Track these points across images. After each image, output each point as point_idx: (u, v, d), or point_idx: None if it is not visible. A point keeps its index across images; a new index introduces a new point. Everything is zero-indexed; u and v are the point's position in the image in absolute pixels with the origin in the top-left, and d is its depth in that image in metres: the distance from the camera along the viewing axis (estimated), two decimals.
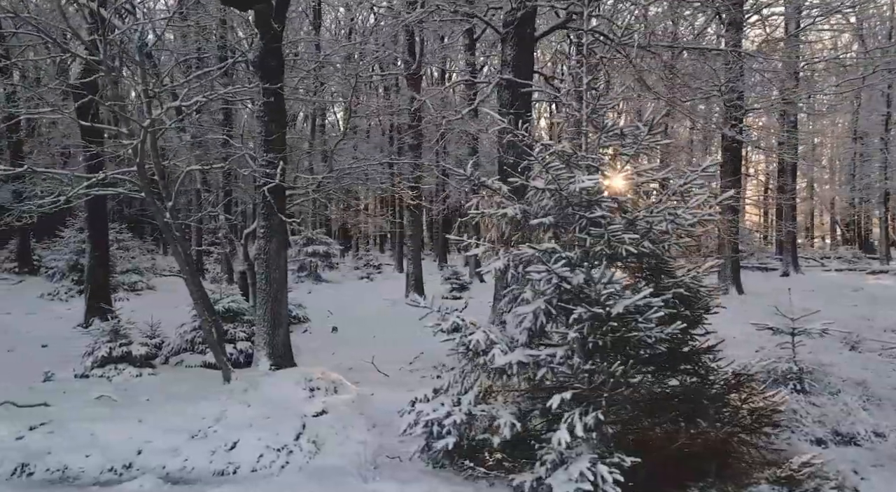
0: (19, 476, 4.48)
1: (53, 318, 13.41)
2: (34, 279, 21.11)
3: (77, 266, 17.54)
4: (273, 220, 6.83)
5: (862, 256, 32.18)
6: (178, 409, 5.35)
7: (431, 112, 14.08)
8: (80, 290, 17.08)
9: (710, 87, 10.90)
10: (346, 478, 4.20)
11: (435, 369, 7.40)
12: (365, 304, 16.47)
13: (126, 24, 5.43)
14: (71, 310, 14.82)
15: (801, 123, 26.38)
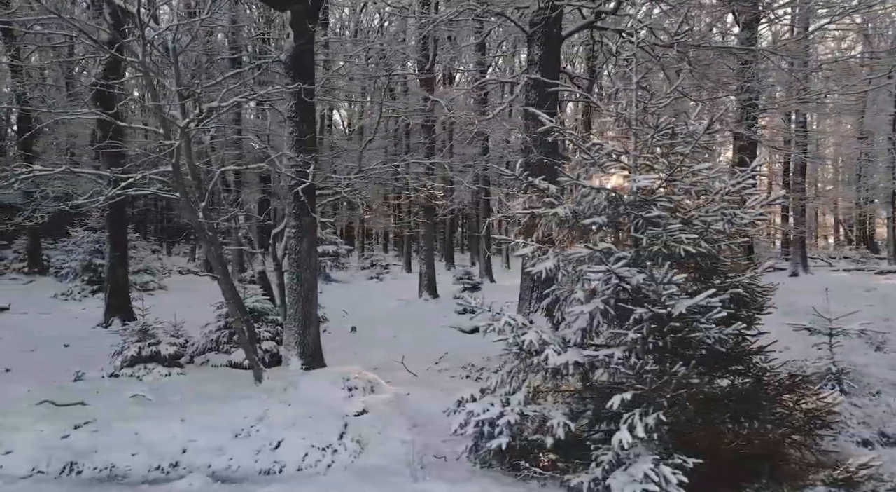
0: (68, 474, 4.51)
1: (69, 318, 13.45)
2: (44, 279, 21.18)
3: (91, 266, 17.60)
4: (304, 220, 6.85)
5: (870, 256, 32.15)
6: (217, 408, 5.37)
7: (445, 112, 14.11)
8: (94, 290, 17.16)
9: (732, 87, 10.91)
10: (395, 478, 4.21)
11: (463, 368, 7.42)
12: (378, 303, 16.50)
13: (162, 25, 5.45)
14: (86, 310, 14.87)
15: (807, 123, 26.36)
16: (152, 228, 38.59)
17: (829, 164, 40.30)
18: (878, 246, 37.27)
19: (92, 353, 9.57)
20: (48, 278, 21.58)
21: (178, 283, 22.90)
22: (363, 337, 11.30)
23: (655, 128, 3.77)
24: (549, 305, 4.17)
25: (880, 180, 30.88)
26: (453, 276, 18.31)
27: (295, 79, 6.61)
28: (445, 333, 11.02)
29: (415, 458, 4.52)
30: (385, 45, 11.97)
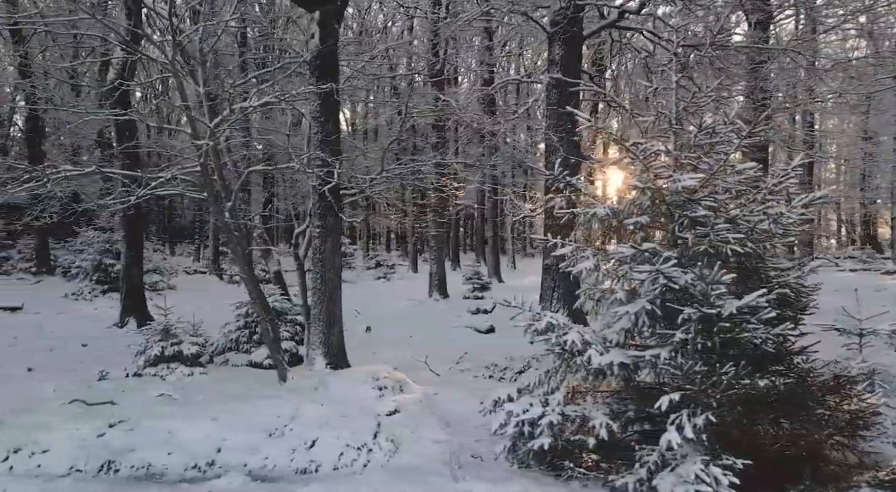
0: (106, 473, 4.52)
1: (83, 317, 13.47)
2: (52, 279, 21.23)
3: (101, 266, 17.62)
4: (329, 220, 6.87)
5: (876, 256, 32.11)
6: (247, 408, 5.39)
7: (457, 112, 14.11)
8: (104, 290, 17.19)
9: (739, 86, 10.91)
10: (434, 477, 4.22)
11: (486, 369, 7.42)
12: (388, 303, 16.51)
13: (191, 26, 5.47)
14: (98, 309, 14.89)
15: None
16: (154, 227, 38.56)
17: (833, 164, 40.21)
18: (882, 246, 37.21)
19: (110, 352, 9.61)
20: (56, 278, 21.62)
21: (186, 283, 22.93)
22: (378, 337, 11.31)
23: (698, 127, 3.78)
24: (569, 303, 4.15)
25: (883, 180, 30.82)
26: (463, 276, 18.32)
27: (320, 79, 6.63)
28: (461, 333, 11.04)
29: (448, 458, 4.53)
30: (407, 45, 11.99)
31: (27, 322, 12.13)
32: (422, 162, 9.15)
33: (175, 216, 40.24)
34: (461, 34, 19.89)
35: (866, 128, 32.67)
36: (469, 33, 18.70)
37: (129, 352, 9.77)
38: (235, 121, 5.72)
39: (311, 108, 6.68)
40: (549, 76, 7.35)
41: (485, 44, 18.94)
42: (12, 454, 4.61)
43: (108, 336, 10.95)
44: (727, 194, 3.79)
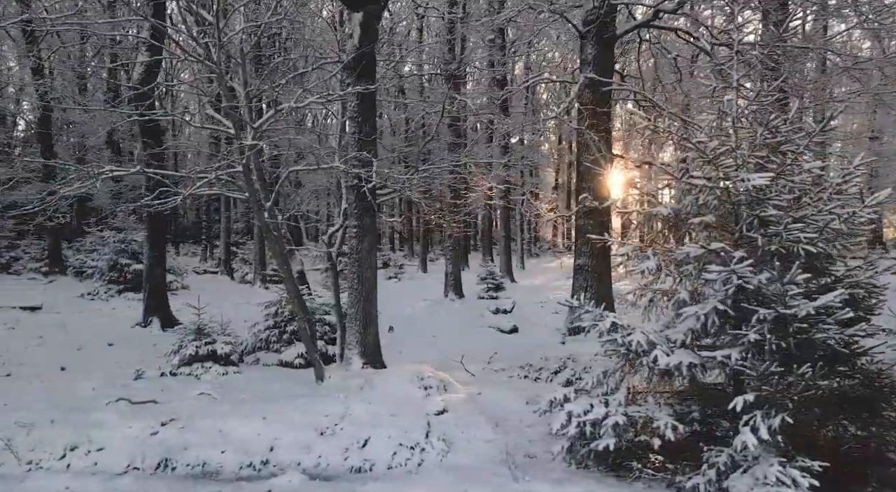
0: (163, 470, 4.54)
1: (102, 317, 13.47)
2: (64, 279, 21.27)
3: (117, 265, 17.64)
4: (365, 220, 6.88)
5: (886, 256, 32.01)
6: (293, 406, 5.39)
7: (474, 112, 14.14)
8: (120, 289, 17.22)
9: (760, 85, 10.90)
10: (495, 477, 4.23)
11: (521, 368, 7.42)
12: (404, 304, 16.51)
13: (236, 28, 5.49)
14: (115, 309, 14.91)
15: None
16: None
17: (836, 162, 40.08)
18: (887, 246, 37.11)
19: (138, 351, 9.63)
20: (68, 278, 21.66)
21: (198, 283, 22.97)
22: (401, 337, 11.32)
23: (765, 125, 3.78)
24: (600, 303, 4.14)
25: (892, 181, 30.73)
26: (477, 276, 18.33)
27: (358, 79, 6.64)
28: (484, 333, 11.05)
29: (503, 457, 4.54)
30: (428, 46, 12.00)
31: (49, 322, 12.14)
32: (461, 162, 9.16)
33: (178, 217, 40.25)
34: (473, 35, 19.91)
35: (873, 127, 32.57)
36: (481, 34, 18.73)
37: (157, 351, 9.81)
38: (276, 121, 5.73)
39: (349, 108, 6.70)
40: (584, 76, 7.35)
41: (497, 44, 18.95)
42: (69, 452, 4.63)
43: (133, 336, 10.97)
44: (791, 194, 3.78)
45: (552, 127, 29.92)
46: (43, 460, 4.56)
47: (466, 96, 14.39)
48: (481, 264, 26.26)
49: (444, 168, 8.20)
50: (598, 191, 7.75)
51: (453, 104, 14.78)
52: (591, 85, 7.59)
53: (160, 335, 11.08)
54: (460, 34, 12.45)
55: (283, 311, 8.81)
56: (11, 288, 18.07)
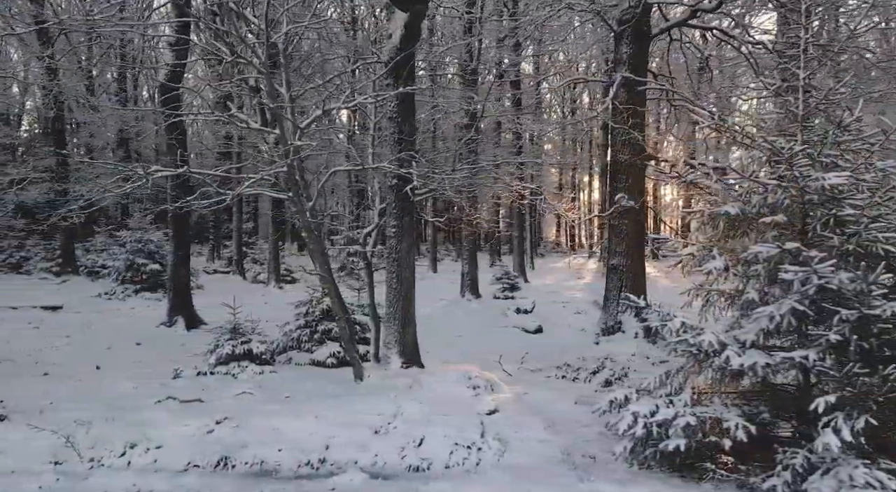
0: (223, 468, 4.56)
1: (122, 316, 13.51)
2: (77, 279, 21.33)
3: (133, 265, 17.68)
4: (405, 220, 6.91)
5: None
6: (346, 405, 5.42)
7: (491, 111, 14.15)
8: (136, 289, 17.26)
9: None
10: (557, 477, 4.24)
11: (558, 369, 7.43)
12: (422, 303, 16.39)
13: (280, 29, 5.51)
14: (134, 308, 14.96)
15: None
16: (164, 227, 38.58)
17: None
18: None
19: (167, 351, 9.65)
20: (81, 278, 21.72)
21: (211, 282, 23.01)
22: (424, 336, 11.28)
23: (837, 124, 3.79)
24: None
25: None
26: (492, 276, 18.35)
27: (397, 79, 6.66)
28: (509, 333, 11.06)
29: (567, 458, 4.55)
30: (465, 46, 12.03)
31: (73, 321, 12.18)
32: (492, 161, 9.18)
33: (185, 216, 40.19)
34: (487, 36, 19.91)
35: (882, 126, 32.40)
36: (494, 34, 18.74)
37: (185, 351, 9.84)
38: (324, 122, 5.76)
39: (388, 108, 6.72)
40: (620, 75, 7.37)
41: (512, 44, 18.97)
42: (129, 450, 4.66)
43: (159, 335, 11.00)
44: (863, 193, 3.78)
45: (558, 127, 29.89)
46: (104, 457, 4.58)
47: (482, 96, 14.37)
48: (496, 264, 26.30)
49: (480, 167, 8.22)
50: (632, 191, 7.78)
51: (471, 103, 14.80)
52: (626, 84, 7.61)
53: (186, 335, 11.12)
54: (479, 33, 12.39)
55: (313, 311, 8.82)
56: (26, 288, 18.13)
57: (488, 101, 13.62)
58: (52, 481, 4.20)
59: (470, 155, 10.35)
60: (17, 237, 23.79)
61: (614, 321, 8.13)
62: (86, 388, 6.67)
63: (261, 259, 29.53)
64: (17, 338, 10.02)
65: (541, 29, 9.44)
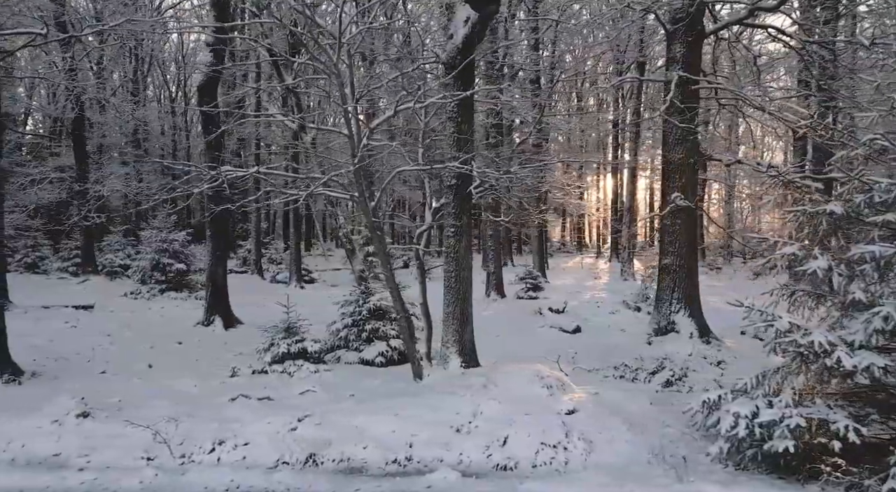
0: (312, 465, 4.58)
1: (154, 315, 13.52)
2: (97, 278, 21.40)
3: (159, 265, 17.73)
4: (463, 219, 6.92)
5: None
6: (422, 403, 5.42)
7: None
8: (162, 289, 17.30)
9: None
10: (653, 477, 4.24)
11: (615, 369, 7.40)
12: None
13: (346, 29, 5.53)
14: (164, 308, 14.98)
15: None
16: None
17: None
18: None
19: (212, 350, 9.66)
20: (100, 277, 21.79)
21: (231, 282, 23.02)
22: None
23: None
24: (690, 303, 4.12)
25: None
26: (515, 275, 18.36)
27: (457, 79, 6.67)
28: (548, 333, 11.03)
29: (660, 458, 4.55)
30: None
31: (109, 320, 12.21)
32: (549, 161, 9.17)
33: (191, 217, 40.36)
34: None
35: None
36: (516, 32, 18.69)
37: (228, 349, 9.86)
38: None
39: (448, 108, 6.73)
40: (676, 74, 7.37)
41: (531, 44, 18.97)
42: (217, 446, 4.68)
43: (198, 334, 11.02)
44: None
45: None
46: (194, 453, 4.61)
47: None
48: (507, 264, 26.24)
49: (538, 166, 8.22)
50: (685, 190, 7.77)
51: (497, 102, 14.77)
52: (680, 83, 7.60)
53: (225, 334, 11.14)
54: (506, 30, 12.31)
55: (360, 310, 8.84)
56: (47, 287, 18.19)
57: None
58: (151, 477, 4.23)
59: (521, 155, 10.36)
60: (32, 237, 23.87)
61: (667, 321, 8.12)
62: (149, 385, 6.69)
63: (277, 259, 29.58)
64: (59, 337, 10.06)
65: (593, 28, 9.43)
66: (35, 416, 5.02)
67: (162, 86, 39.58)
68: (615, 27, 8.91)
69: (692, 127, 7.12)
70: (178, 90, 39.10)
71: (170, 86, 39.44)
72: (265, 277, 24.95)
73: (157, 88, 39.47)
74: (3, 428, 4.87)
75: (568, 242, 46.20)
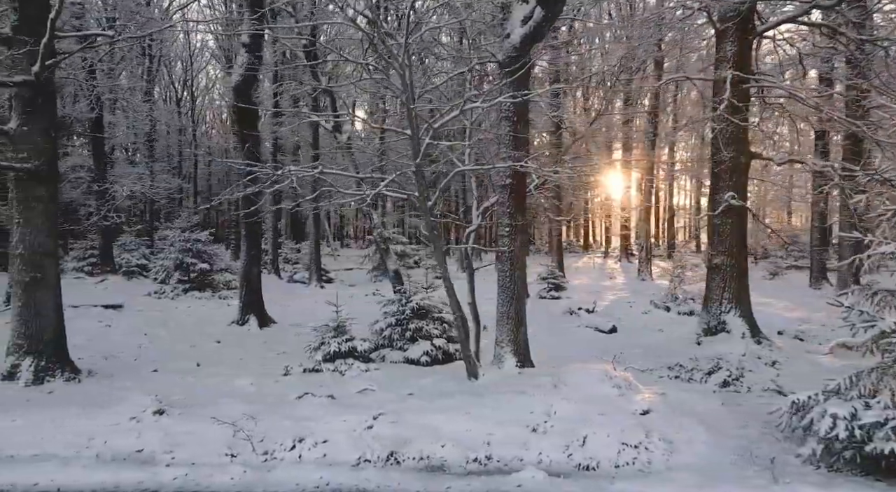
0: (393, 464, 4.57)
1: (183, 315, 13.52)
2: (115, 277, 21.48)
3: (182, 265, 17.78)
4: (518, 219, 6.90)
5: None
6: (491, 403, 5.40)
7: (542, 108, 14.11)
8: (186, 288, 17.34)
9: None
10: (745, 478, 4.21)
11: (669, 369, 7.36)
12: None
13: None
14: (190, 307, 14.98)
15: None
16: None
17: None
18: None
19: (251, 349, 9.65)
20: (118, 277, 21.87)
21: None
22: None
23: None
24: (741, 302, 4.08)
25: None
26: (537, 275, 18.32)
27: (512, 79, 6.65)
28: (584, 333, 10.99)
29: (740, 459, 4.52)
30: None
31: (143, 320, 12.24)
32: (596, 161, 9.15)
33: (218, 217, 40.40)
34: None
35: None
36: None
37: (268, 348, 9.86)
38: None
39: (504, 107, 6.72)
40: (730, 73, 7.35)
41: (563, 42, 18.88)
42: (297, 443, 4.68)
43: (235, 333, 11.02)
44: None
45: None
46: (275, 450, 4.60)
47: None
48: (541, 264, 26.16)
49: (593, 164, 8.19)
50: (736, 189, 7.75)
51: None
52: (732, 82, 7.57)
53: (261, 333, 11.14)
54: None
55: (403, 309, 8.84)
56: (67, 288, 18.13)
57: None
58: (240, 474, 4.23)
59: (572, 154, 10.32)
60: None
61: (717, 321, 8.08)
62: (205, 384, 6.69)
63: (292, 258, 29.62)
64: (97, 336, 10.08)
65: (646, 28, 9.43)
66: (110, 413, 5.03)
67: (168, 86, 39.71)
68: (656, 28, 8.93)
69: (747, 126, 7.11)
70: (183, 90, 39.26)
71: (175, 85, 39.57)
72: (282, 277, 25.01)
73: (164, 88, 39.59)
74: (79, 425, 4.88)
75: (573, 242, 46.20)
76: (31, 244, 6.31)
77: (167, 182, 28.50)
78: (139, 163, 28.76)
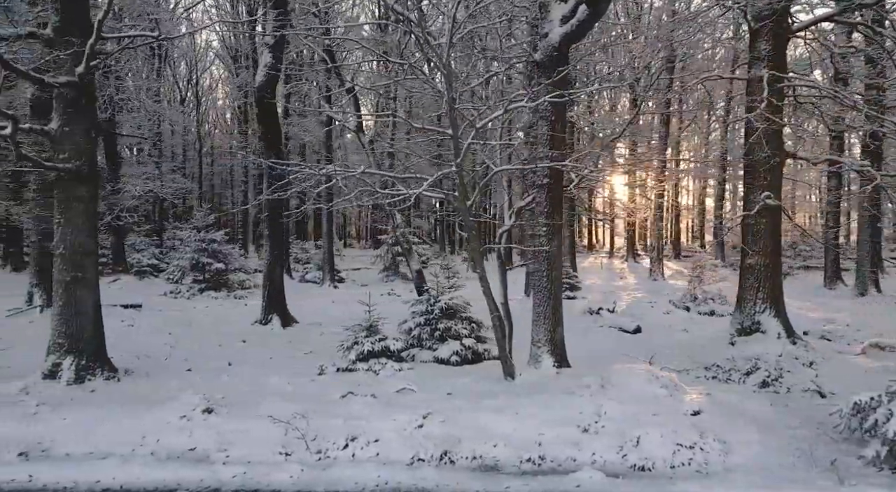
0: (447, 463, 4.55)
1: (202, 314, 13.52)
2: (127, 277, 21.48)
3: (198, 265, 17.81)
4: (556, 218, 6.88)
5: None
6: (537, 403, 5.36)
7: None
8: (201, 288, 17.36)
9: None
10: (814, 480, 4.16)
11: (706, 370, 7.31)
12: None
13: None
14: (208, 307, 14.97)
15: None
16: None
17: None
18: None
19: (278, 348, 9.63)
20: (130, 277, 21.88)
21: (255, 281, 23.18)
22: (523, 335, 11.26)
23: None
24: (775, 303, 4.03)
25: None
26: None
27: (550, 79, 6.63)
28: (609, 333, 10.95)
29: (799, 460, 4.49)
30: None
31: (166, 319, 12.24)
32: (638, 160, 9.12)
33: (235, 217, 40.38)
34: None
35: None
36: None
37: (295, 348, 9.83)
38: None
39: (542, 107, 6.69)
40: (767, 72, 7.32)
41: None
42: (350, 442, 4.66)
43: (259, 333, 11.01)
44: None
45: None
46: (329, 449, 4.59)
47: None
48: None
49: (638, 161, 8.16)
50: (771, 189, 7.70)
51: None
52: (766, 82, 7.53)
53: (284, 333, 11.13)
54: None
55: (432, 309, 8.82)
56: None
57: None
58: (297, 472, 4.21)
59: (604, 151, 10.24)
60: None
61: (751, 321, 8.03)
62: (244, 382, 6.67)
63: (303, 258, 29.63)
64: (122, 336, 10.05)
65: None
66: (159, 411, 5.01)
67: (172, 86, 39.81)
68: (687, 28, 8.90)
69: (783, 125, 7.08)
70: (187, 90, 39.33)
71: (180, 85, 39.65)
72: (293, 277, 25.03)
73: (168, 89, 39.67)
74: (129, 423, 4.87)
75: (577, 242, 46.18)
76: (71, 244, 6.31)
77: (176, 182, 28.60)
78: (146, 162, 28.86)
